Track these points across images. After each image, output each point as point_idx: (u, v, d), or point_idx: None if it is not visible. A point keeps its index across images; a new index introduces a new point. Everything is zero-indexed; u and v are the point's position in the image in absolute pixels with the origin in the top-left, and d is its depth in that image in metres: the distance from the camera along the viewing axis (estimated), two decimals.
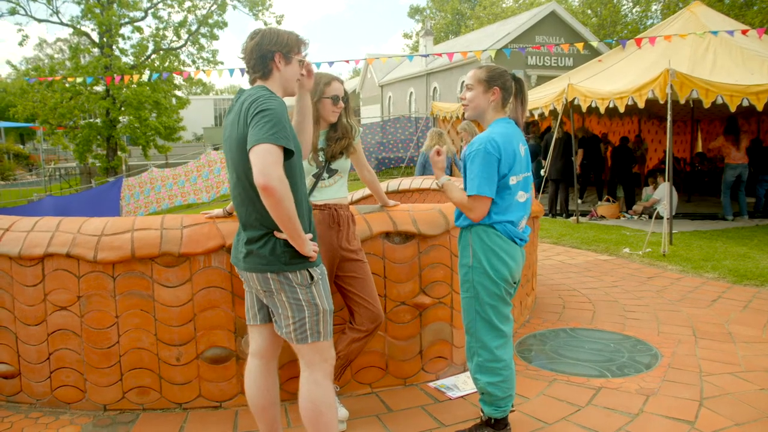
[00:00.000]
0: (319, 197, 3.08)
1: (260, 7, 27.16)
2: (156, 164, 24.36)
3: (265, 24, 28.26)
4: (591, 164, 13.00)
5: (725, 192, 10.54)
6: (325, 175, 3.10)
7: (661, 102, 8.09)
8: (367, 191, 6.65)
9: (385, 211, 3.58)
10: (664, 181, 10.75)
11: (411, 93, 31.76)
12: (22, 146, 46.28)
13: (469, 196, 2.76)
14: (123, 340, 3.28)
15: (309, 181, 3.08)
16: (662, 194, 10.63)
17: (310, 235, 2.44)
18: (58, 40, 25.43)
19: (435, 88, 28.78)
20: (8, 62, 31.59)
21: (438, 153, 2.89)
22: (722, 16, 12.19)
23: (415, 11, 53.77)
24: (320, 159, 3.09)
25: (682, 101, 8.16)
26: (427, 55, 14.95)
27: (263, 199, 2.23)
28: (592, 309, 5.32)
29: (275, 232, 2.39)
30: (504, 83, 2.90)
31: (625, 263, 7.32)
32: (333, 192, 3.12)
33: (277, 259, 2.39)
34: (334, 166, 3.12)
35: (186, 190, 19.76)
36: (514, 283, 2.91)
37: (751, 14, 21.21)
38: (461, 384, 3.60)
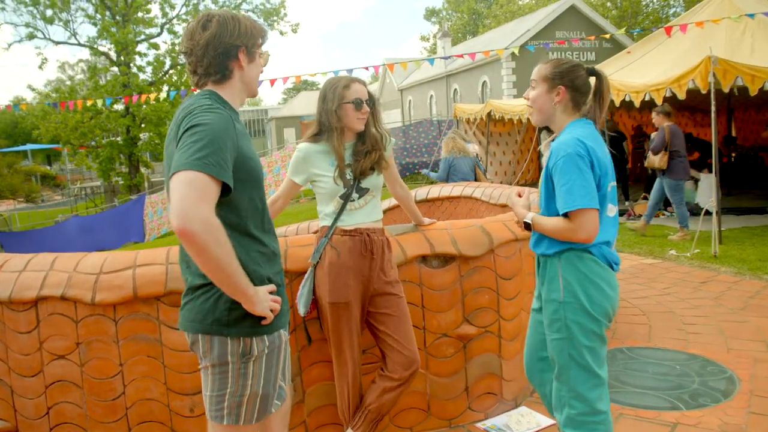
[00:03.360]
0: (348, 221, 2.66)
1: (275, 17, 27.00)
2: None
3: (281, 34, 28.08)
4: (616, 162, 12.42)
5: None
6: (355, 195, 2.67)
7: (704, 92, 7.54)
8: (393, 201, 6.24)
9: (420, 231, 3.15)
10: (704, 173, 10.20)
11: (431, 96, 31.33)
12: (49, 167, 46.86)
13: (567, 213, 2.24)
14: (129, 390, 2.89)
15: (336, 203, 2.66)
16: (704, 185, 10.05)
17: (269, 287, 1.91)
18: (80, 61, 25.48)
19: (455, 89, 28.33)
20: (29, 86, 31.89)
21: (519, 195, 2.49)
22: None
23: (431, 13, 53.31)
24: (348, 177, 2.67)
25: (726, 90, 7.61)
26: (448, 57, 14.49)
27: (183, 246, 1.71)
28: (648, 323, 4.83)
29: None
30: (573, 81, 2.39)
31: (673, 267, 6.80)
32: (365, 215, 2.69)
33: (216, 319, 1.86)
34: (364, 184, 2.69)
35: None
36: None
37: None
38: (514, 424, 3.15)
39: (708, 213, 7.45)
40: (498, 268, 3.24)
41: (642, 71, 10.05)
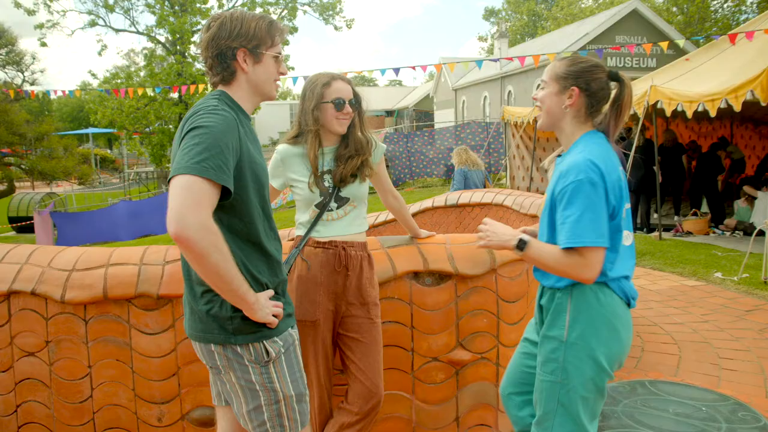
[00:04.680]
0: (324, 233, 2.43)
1: (330, 12, 27.00)
2: None
3: (336, 29, 28.10)
4: (670, 175, 11.79)
5: None
6: (333, 204, 2.44)
7: (764, 104, 7.02)
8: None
9: (415, 244, 2.90)
10: (765, 189, 9.57)
11: (485, 97, 30.83)
12: (109, 151, 48.32)
13: (567, 249, 1.94)
14: (97, 394, 2.75)
15: (312, 212, 2.45)
16: (761, 206, 9.42)
17: (269, 293, 1.83)
18: (144, 49, 26.02)
19: (510, 91, 27.78)
20: (90, 72, 32.80)
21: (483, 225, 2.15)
22: None
23: (490, 13, 52.54)
24: (326, 184, 2.45)
25: None
26: (497, 60, 14.12)
27: (181, 252, 1.65)
28: (678, 353, 4.45)
29: None
30: (588, 83, 2.08)
31: (717, 291, 6.33)
32: (343, 227, 2.45)
33: (221, 326, 1.80)
34: (344, 193, 2.46)
35: None
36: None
37: None
38: None
39: (761, 233, 6.93)
40: (500, 290, 2.96)
41: (700, 79, 9.48)
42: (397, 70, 11.09)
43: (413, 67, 11.59)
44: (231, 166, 1.71)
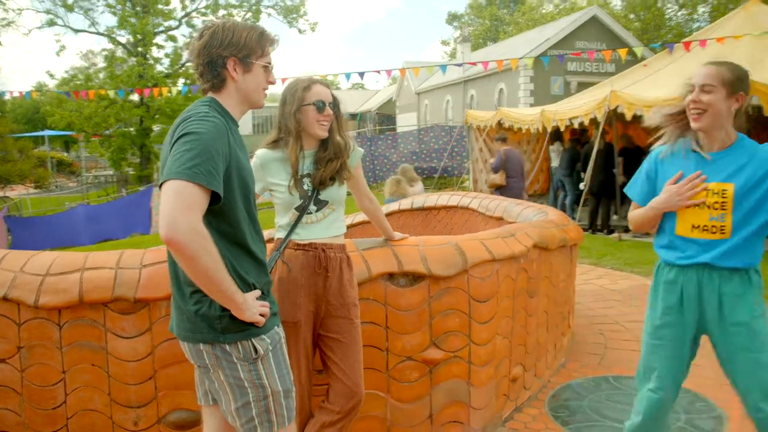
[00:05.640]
0: (303, 235, 2.48)
1: (294, 15, 26.94)
2: None
3: (300, 32, 28.06)
4: (628, 178, 12.12)
5: None
6: (312, 207, 2.49)
7: None
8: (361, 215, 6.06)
9: (389, 246, 2.97)
10: None
11: (448, 101, 31.10)
12: (66, 154, 47.15)
13: None
14: (71, 399, 2.74)
15: (292, 215, 2.49)
16: None
17: (256, 293, 1.89)
18: (104, 50, 25.54)
19: (472, 95, 28.07)
20: (48, 73, 32.11)
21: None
22: None
23: (453, 18, 53.02)
24: (306, 187, 2.50)
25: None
26: (461, 64, 14.31)
27: (173, 255, 1.71)
28: (639, 350, 4.59)
29: None
30: (747, 88, 2.33)
31: None
32: (322, 229, 2.50)
33: (210, 325, 1.85)
34: (323, 196, 2.50)
35: None
36: None
37: None
38: None
39: None
40: (472, 290, 3.05)
41: (657, 85, 9.80)
42: (362, 74, 11.15)
43: (378, 71, 11.68)
44: (221, 172, 1.76)
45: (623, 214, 11.70)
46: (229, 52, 1.90)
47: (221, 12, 25.54)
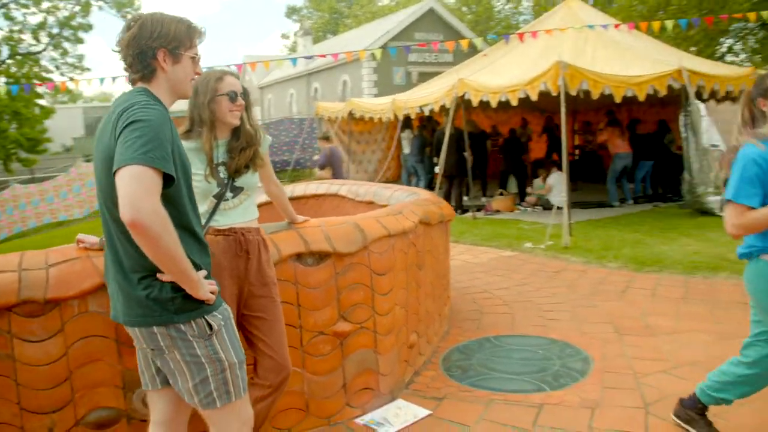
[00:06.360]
0: (222, 221, 2.54)
1: (128, 9, 25.50)
2: (20, 179, 22.17)
3: None
4: (476, 160, 13.02)
5: (611, 180, 10.86)
6: (229, 194, 2.56)
7: (554, 94, 8.11)
8: (266, 198, 6.09)
9: (294, 228, 3.10)
10: (555, 170, 10.95)
11: (291, 94, 31.06)
12: None
13: None
14: None
15: (209, 202, 2.54)
16: (555, 182, 10.79)
17: (203, 272, 1.97)
18: None
19: (316, 88, 28.29)
20: None
21: None
22: (596, 11, 12.61)
23: (292, 11, 52.78)
24: (221, 175, 2.56)
25: (573, 92, 8.22)
26: (311, 57, 14.44)
27: (134, 237, 1.74)
28: (510, 312, 5.10)
29: (158, 274, 1.89)
30: None
31: (529, 258, 7.23)
32: (239, 214, 2.58)
33: (163, 307, 1.89)
34: (239, 182, 2.59)
35: (56, 207, 18.11)
36: None
37: (612, 11, 22.33)
38: (392, 417, 3.19)
39: (559, 208, 8.02)
40: (372, 264, 3.26)
41: (498, 73, 10.61)
42: (209, 69, 11.02)
43: (228, 66, 11.51)
44: (170, 157, 1.82)
45: (473, 194, 12.57)
46: (159, 44, 1.94)
47: (45, 4, 23.55)
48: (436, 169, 11.21)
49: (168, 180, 1.80)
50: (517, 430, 3.06)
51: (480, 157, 12.94)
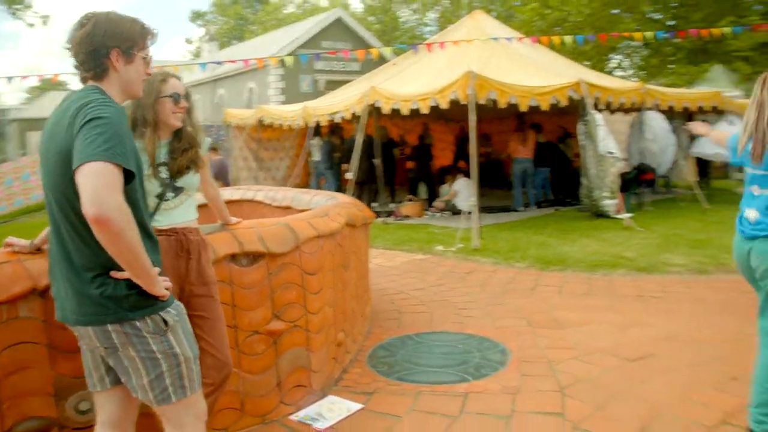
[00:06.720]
0: (163, 221, 2.55)
1: (19, 6, 24.06)
2: None
3: (30, 26, 25.15)
4: (385, 167, 13.26)
5: (516, 185, 11.40)
6: (170, 194, 2.58)
7: (463, 102, 8.45)
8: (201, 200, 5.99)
9: (228, 230, 3.13)
10: (461, 177, 11.38)
11: (195, 101, 30.24)
12: None
13: None
14: None
15: (151, 202, 2.54)
16: (460, 188, 11.20)
17: (158, 269, 1.99)
18: None
19: (221, 95, 27.77)
20: None
21: None
22: (500, 24, 13.23)
23: (197, 16, 51.57)
24: (163, 176, 2.57)
25: (482, 101, 8.61)
26: (221, 63, 14.24)
27: (96, 234, 1.75)
28: (428, 311, 5.30)
29: (112, 272, 1.89)
30: None
31: (441, 261, 7.49)
32: (180, 214, 2.60)
33: (118, 305, 1.90)
34: (180, 183, 2.60)
35: None
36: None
37: (514, 24, 23.42)
38: (326, 412, 3.27)
39: (469, 212, 8.37)
40: (303, 264, 3.35)
41: (407, 82, 10.92)
42: None
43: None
44: (131, 154, 1.84)
45: (382, 201, 12.81)
46: (113, 43, 1.95)
47: None
48: (348, 175, 11.35)
49: (128, 177, 1.82)
50: (446, 417, 3.23)
51: (388, 164, 13.19)
